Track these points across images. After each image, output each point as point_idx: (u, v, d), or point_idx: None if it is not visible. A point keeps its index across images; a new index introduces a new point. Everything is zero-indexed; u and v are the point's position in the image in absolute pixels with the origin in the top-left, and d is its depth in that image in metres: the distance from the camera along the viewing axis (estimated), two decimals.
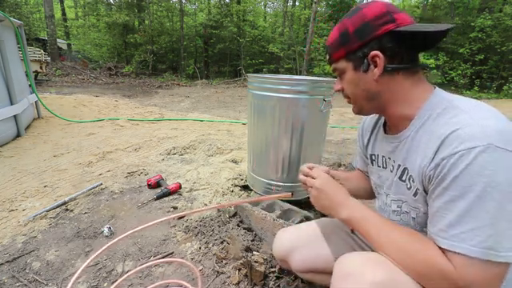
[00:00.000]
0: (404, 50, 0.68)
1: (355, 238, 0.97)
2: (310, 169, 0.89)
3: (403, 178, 0.74)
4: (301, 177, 0.89)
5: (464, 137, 0.56)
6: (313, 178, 0.85)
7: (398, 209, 0.78)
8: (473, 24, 11.60)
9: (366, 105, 0.77)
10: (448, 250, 0.57)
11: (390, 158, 0.79)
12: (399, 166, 0.75)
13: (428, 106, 0.68)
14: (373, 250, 0.72)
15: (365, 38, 0.68)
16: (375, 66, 0.69)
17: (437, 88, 0.71)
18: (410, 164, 0.70)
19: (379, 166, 0.85)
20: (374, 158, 0.88)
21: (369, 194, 1.00)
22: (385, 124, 0.85)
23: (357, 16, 0.70)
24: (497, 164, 0.53)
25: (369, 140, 0.91)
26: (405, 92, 0.71)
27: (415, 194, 0.70)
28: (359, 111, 0.80)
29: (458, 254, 0.56)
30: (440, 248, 0.59)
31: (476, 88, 11.39)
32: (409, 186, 0.72)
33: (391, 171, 0.78)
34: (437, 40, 0.70)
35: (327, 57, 0.80)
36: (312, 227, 1.03)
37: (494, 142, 0.53)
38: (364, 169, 1.01)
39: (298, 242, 1.00)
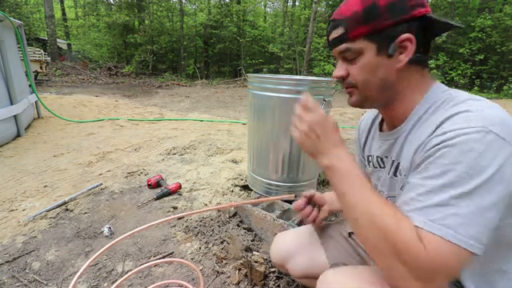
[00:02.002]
0: (426, 40, 0.63)
1: (352, 244, 0.95)
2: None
3: (396, 174, 0.70)
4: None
5: (459, 120, 0.53)
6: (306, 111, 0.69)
7: None
8: (473, 24, 11.59)
9: (375, 96, 0.67)
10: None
11: (386, 157, 0.75)
12: (393, 161, 0.71)
13: (426, 100, 0.64)
14: (368, 257, 0.70)
15: (398, 16, 0.59)
16: (401, 52, 0.61)
17: (437, 82, 0.67)
18: (403, 158, 0.66)
19: (376, 167, 0.82)
20: (370, 159, 0.85)
21: None
22: (381, 123, 0.82)
23: None
24: (486, 148, 0.49)
25: (366, 141, 0.88)
26: (413, 85, 0.65)
27: (402, 188, 0.66)
28: (362, 103, 0.69)
29: (416, 226, 0.51)
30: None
31: (476, 88, 11.39)
32: (397, 181, 0.69)
33: (388, 169, 0.76)
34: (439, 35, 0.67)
35: (336, 32, 0.65)
36: (310, 232, 1.01)
37: (488, 126, 0.50)
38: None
39: (295, 248, 0.98)
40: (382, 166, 0.78)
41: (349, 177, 0.61)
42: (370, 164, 0.85)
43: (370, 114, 0.90)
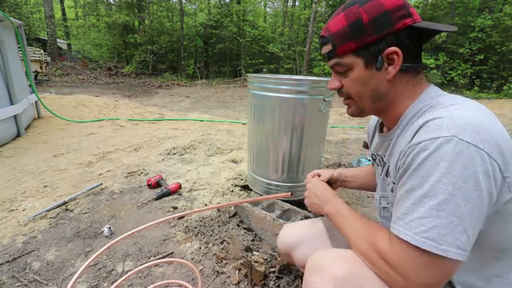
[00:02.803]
0: (416, 47, 0.65)
1: None
2: (313, 175, 1.04)
3: (387, 175, 0.75)
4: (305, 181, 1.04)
5: (432, 127, 0.55)
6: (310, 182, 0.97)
7: (383, 205, 0.81)
8: (473, 24, 11.59)
9: (371, 105, 0.71)
10: (396, 236, 0.56)
11: (384, 156, 0.80)
12: (385, 163, 0.76)
13: (415, 106, 0.66)
14: None
15: (382, 31, 0.61)
16: (390, 64, 0.63)
17: (430, 86, 0.69)
18: (391, 161, 0.70)
19: (378, 165, 0.86)
20: (374, 157, 0.89)
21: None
22: (381, 124, 0.86)
23: (373, 4, 0.61)
24: (456, 157, 0.51)
25: (371, 140, 0.92)
26: (407, 92, 0.68)
27: (392, 190, 0.70)
28: (360, 113, 0.75)
29: (402, 240, 0.55)
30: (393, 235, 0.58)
31: (476, 88, 11.38)
32: (388, 182, 0.73)
33: (383, 169, 0.80)
34: (432, 37, 0.69)
35: (326, 48, 0.70)
36: (318, 224, 1.03)
37: (458, 135, 0.51)
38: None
39: (302, 237, 1.00)
40: (381, 164, 0.82)
41: (340, 216, 0.76)
42: (374, 162, 0.89)
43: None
